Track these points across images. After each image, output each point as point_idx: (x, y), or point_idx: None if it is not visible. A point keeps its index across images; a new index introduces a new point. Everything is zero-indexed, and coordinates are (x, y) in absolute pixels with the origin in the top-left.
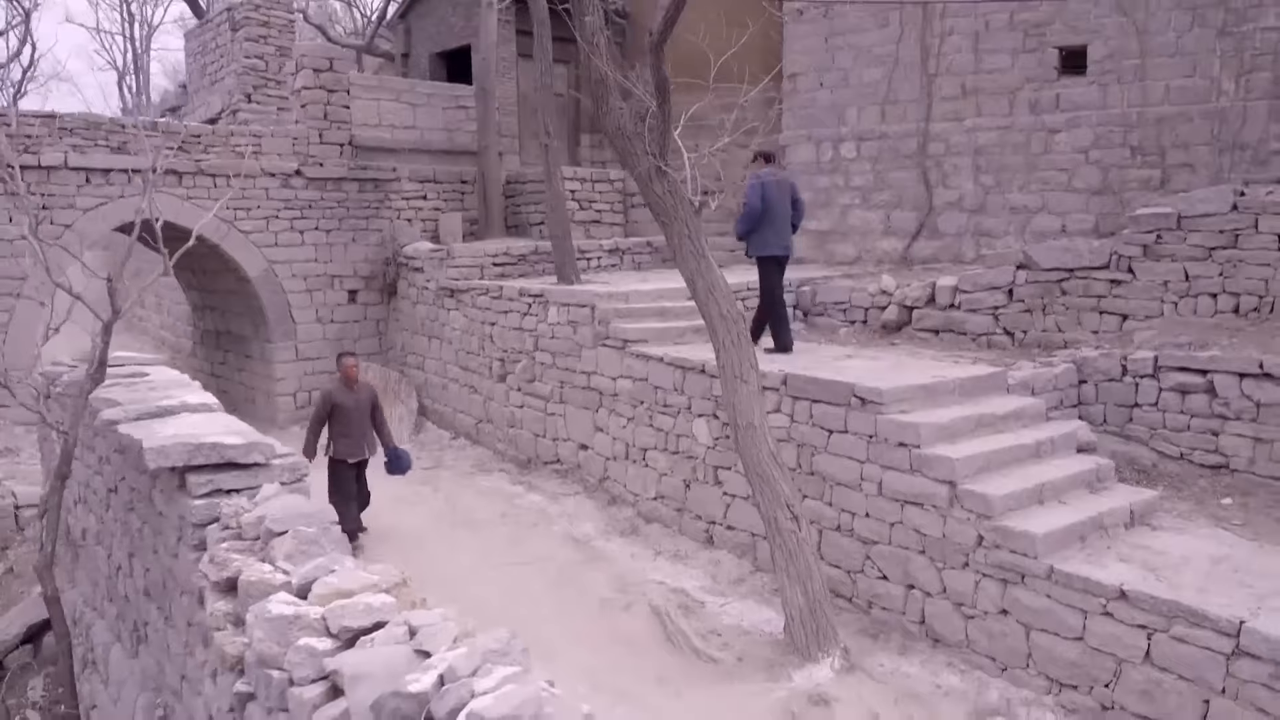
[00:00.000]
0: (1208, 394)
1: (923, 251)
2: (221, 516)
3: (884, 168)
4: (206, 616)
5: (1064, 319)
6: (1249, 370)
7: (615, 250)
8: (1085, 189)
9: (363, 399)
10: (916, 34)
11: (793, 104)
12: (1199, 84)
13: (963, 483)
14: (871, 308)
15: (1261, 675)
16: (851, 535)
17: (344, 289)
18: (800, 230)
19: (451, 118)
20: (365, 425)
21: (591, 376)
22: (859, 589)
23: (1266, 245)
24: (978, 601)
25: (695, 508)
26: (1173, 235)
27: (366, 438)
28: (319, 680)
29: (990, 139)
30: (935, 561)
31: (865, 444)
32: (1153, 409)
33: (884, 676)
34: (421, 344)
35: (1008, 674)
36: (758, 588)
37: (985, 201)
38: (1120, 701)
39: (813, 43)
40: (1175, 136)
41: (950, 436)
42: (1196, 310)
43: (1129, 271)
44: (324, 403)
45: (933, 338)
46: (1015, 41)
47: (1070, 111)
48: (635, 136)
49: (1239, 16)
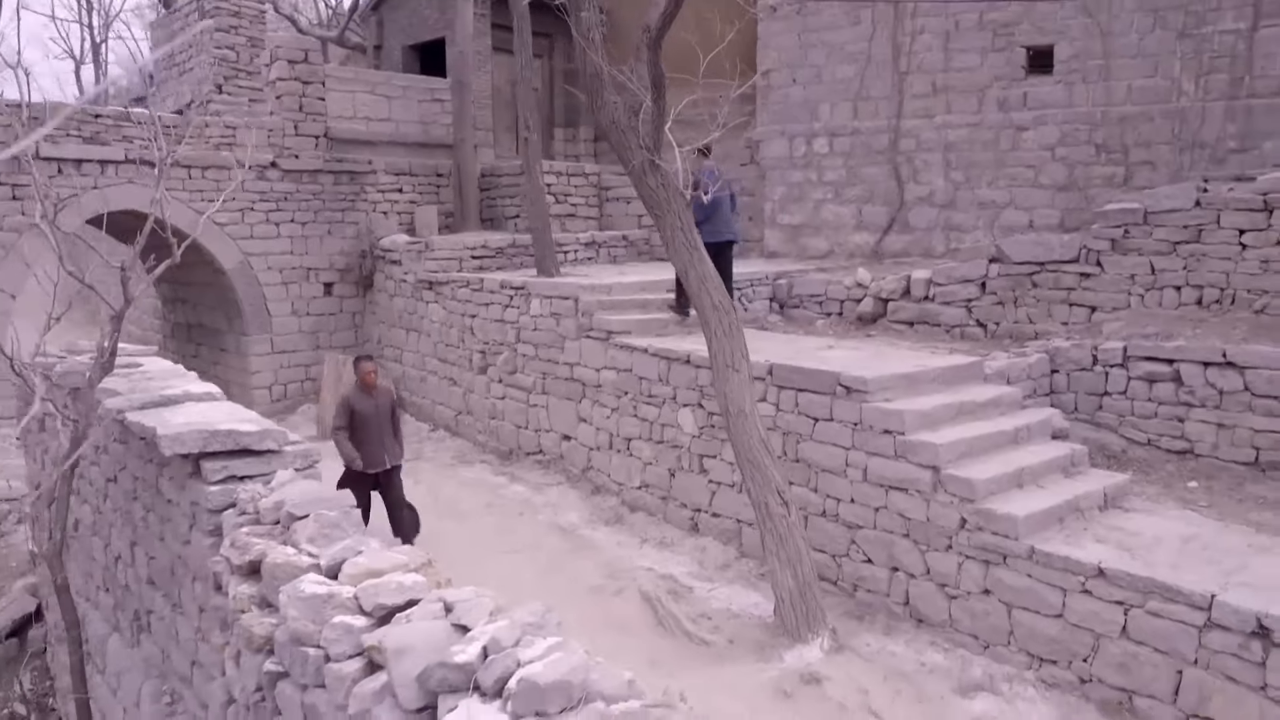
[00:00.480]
0: (1174, 382)
1: (894, 245)
2: (238, 502)
3: (856, 163)
4: (227, 600)
5: (1035, 311)
6: (1213, 359)
7: (592, 244)
8: (1052, 185)
9: (382, 405)
10: (888, 32)
11: (767, 100)
12: (1160, 84)
13: (946, 468)
14: (847, 300)
15: (1231, 646)
16: (837, 520)
17: (320, 281)
18: (773, 224)
19: (427, 110)
20: (386, 432)
21: (575, 368)
22: (844, 572)
23: (1228, 240)
24: (961, 582)
25: (680, 496)
26: (1139, 230)
27: (388, 446)
28: (355, 656)
29: (960, 136)
30: (919, 544)
31: (850, 431)
32: (1122, 397)
33: (871, 656)
34: (399, 336)
35: (990, 651)
36: (744, 573)
37: (955, 197)
38: (1098, 674)
39: (786, 40)
40: (1137, 135)
41: (932, 424)
42: (1162, 302)
43: (1098, 265)
44: (344, 410)
45: (908, 329)
46: (984, 41)
47: (1038, 110)
48: (629, 131)
49: (1198, 19)
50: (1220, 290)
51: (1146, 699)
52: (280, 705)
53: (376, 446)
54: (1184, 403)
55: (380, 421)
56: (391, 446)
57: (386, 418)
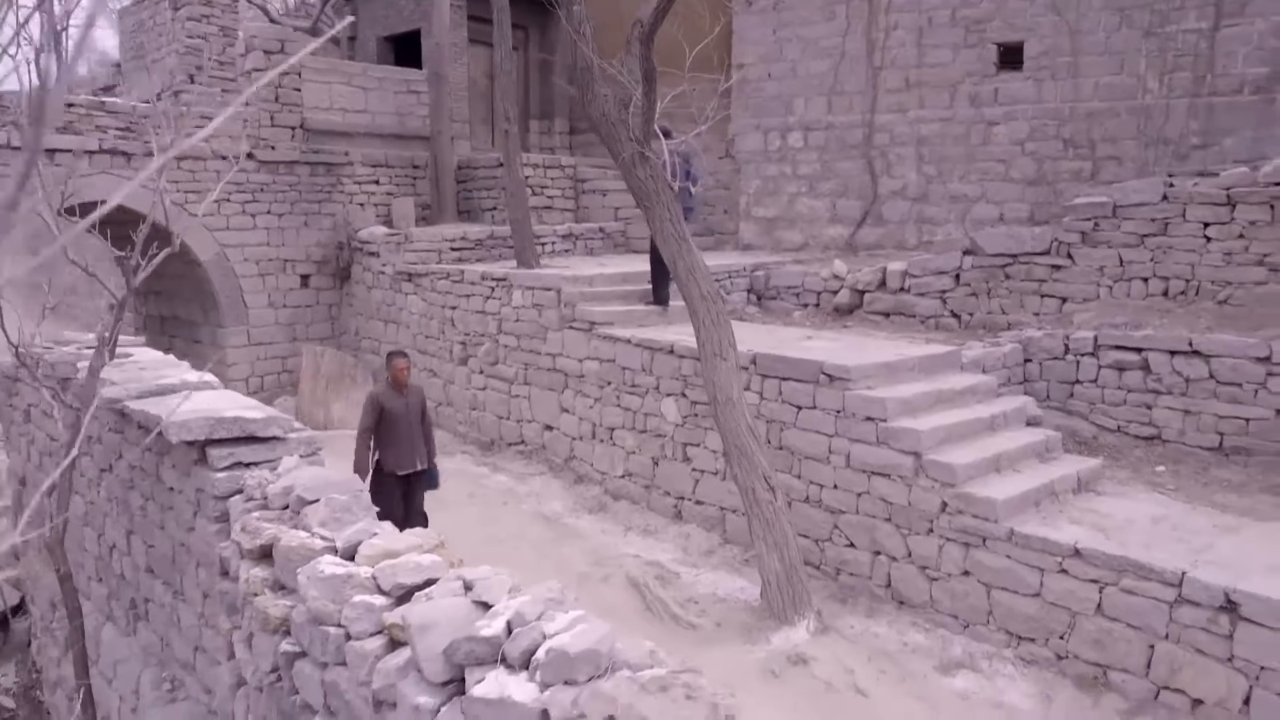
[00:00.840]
0: (1142, 370)
1: (867, 238)
2: (245, 488)
3: (830, 157)
4: (236, 584)
5: (1008, 302)
6: (1179, 348)
7: (569, 235)
8: (1021, 179)
9: (413, 403)
10: (862, 27)
11: (742, 93)
12: (1126, 81)
13: (927, 453)
14: (824, 291)
15: (1200, 620)
16: (820, 506)
17: (297, 273)
18: (749, 217)
19: (403, 102)
20: (416, 433)
21: (557, 358)
22: (827, 557)
23: (1193, 233)
24: (941, 564)
25: (664, 484)
26: (1108, 223)
27: (417, 447)
28: (376, 634)
29: (932, 130)
30: (901, 528)
31: (833, 419)
32: (1092, 385)
33: (855, 637)
34: (377, 328)
35: (970, 630)
36: (728, 558)
37: (927, 190)
38: (1074, 651)
39: (761, 34)
40: (1104, 131)
41: (913, 411)
42: (1130, 293)
43: (1068, 257)
44: (372, 409)
45: (883, 320)
46: (957, 37)
47: (1008, 105)
48: (619, 124)
49: (1163, 18)
50: (1186, 281)
51: (1120, 673)
52: (298, 684)
53: (407, 447)
54: (1152, 390)
55: (411, 421)
56: (421, 448)
57: (417, 417)
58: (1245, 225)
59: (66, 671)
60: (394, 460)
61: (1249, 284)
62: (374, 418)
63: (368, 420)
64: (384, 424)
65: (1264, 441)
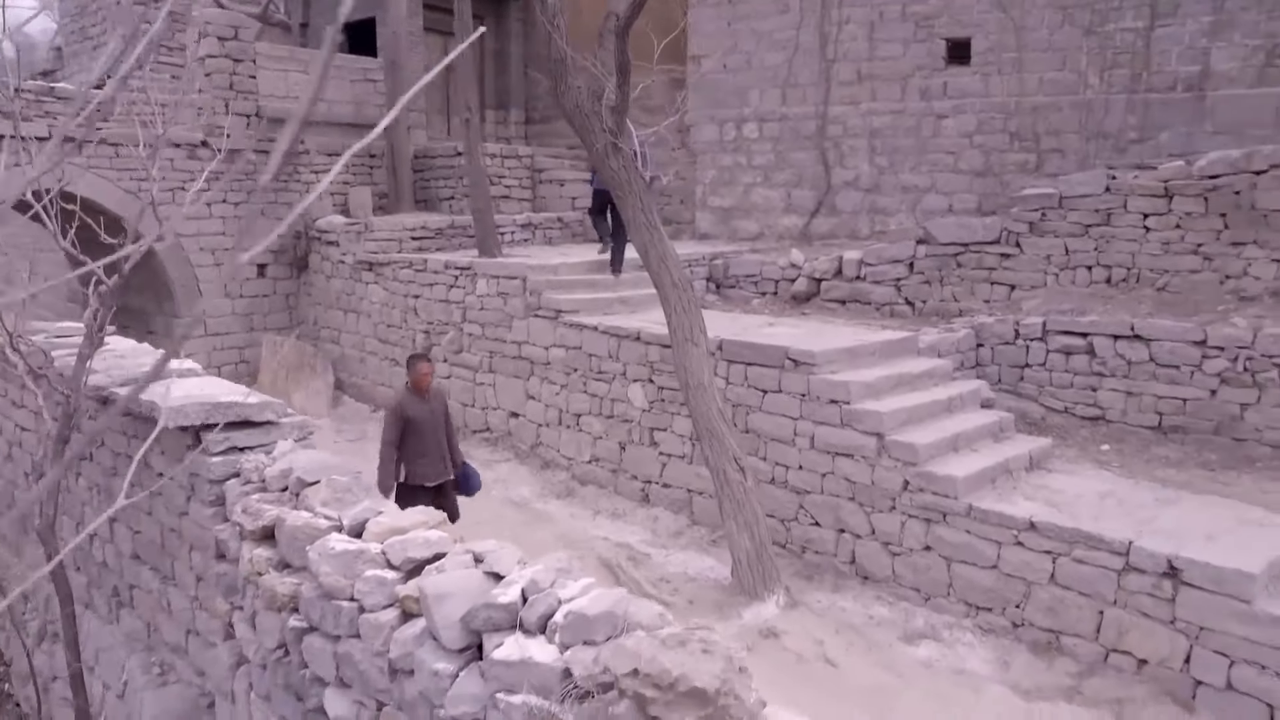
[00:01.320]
0: (1088, 354)
1: (821, 228)
2: (242, 472)
3: (785, 148)
4: (235, 566)
5: (959, 289)
6: (1122, 333)
7: (528, 225)
8: (970, 171)
9: (437, 409)
10: (815, 21)
11: (698, 85)
12: (1068, 77)
13: (890, 434)
14: (781, 280)
15: (1146, 586)
16: (785, 487)
17: (253, 263)
18: (705, 206)
19: (360, 91)
20: (442, 440)
21: (523, 346)
22: (793, 535)
23: (1133, 224)
24: (904, 540)
25: (631, 468)
26: (1055, 214)
27: (445, 455)
28: (389, 607)
29: (884, 122)
30: (864, 507)
31: (798, 402)
32: (1041, 369)
33: (822, 611)
34: (337, 318)
35: (931, 603)
36: (696, 539)
37: (879, 181)
38: (1029, 619)
39: (716, 26)
40: (1048, 124)
41: (875, 394)
42: (1075, 281)
43: (1017, 246)
44: (396, 418)
45: (840, 307)
46: (907, 32)
47: (957, 99)
48: (593, 115)
49: (1102, 17)
50: (1127, 269)
51: (1072, 637)
52: (308, 658)
53: (435, 457)
54: (1096, 373)
55: (436, 428)
56: (448, 456)
57: (442, 423)
58: (1181, 216)
59: (40, 663)
60: (423, 472)
61: (1185, 272)
62: (399, 428)
63: (392, 432)
64: (409, 434)
65: (1198, 420)
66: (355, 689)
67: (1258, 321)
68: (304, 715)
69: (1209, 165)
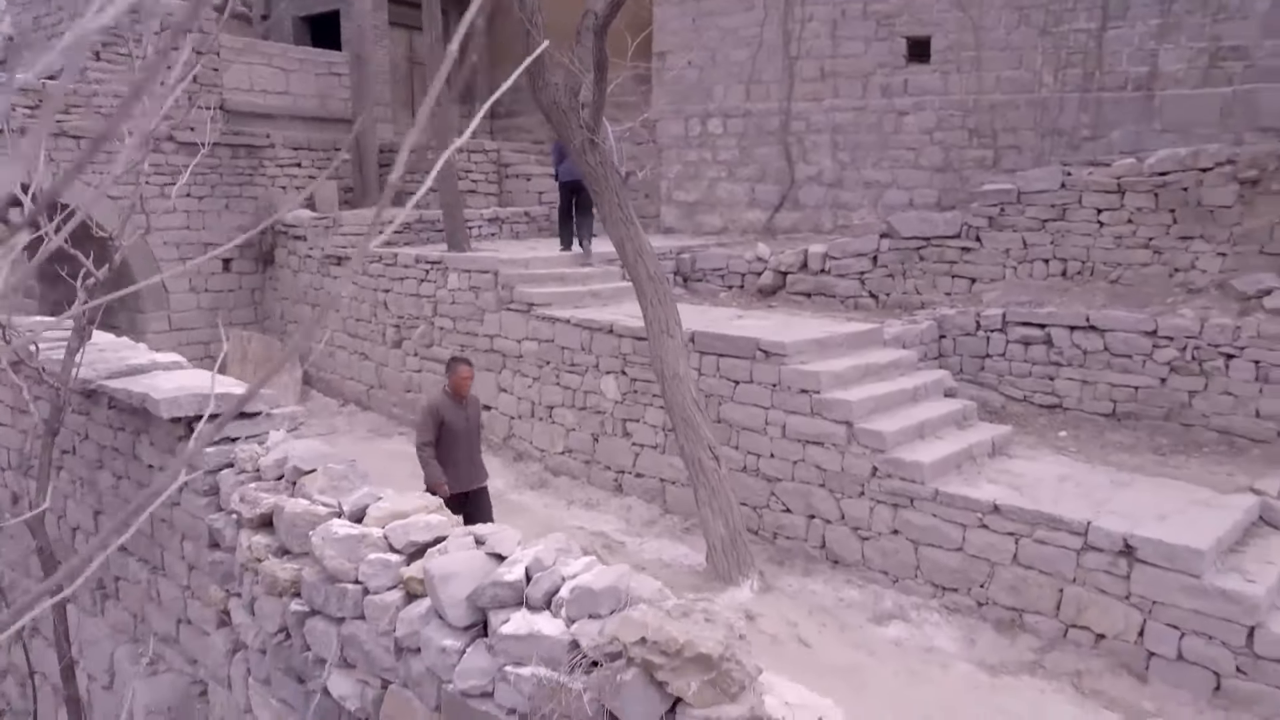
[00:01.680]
0: (1045, 345)
1: (785, 222)
2: (236, 461)
3: (749, 143)
4: (230, 554)
5: (921, 282)
6: (1078, 324)
7: (495, 219)
8: (930, 166)
9: (473, 416)
10: (779, 18)
11: (663, 81)
12: (1024, 76)
13: (859, 422)
14: (748, 273)
15: (1103, 564)
16: (757, 475)
17: (219, 257)
18: (670, 201)
19: (325, 84)
20: (475, 447)
21: (495, 339)
22: (765, 522)
23: (1088, 218)
24: (872, 524)
25: (604, 459)
26: (1013, 209)
27: (477, 462)
28: (393, 588)
29: (847, 119)
30: (834, 493)
31: (769, 392)
32: (1001, 359)
33: (794, 594)
34: (304, 312)
35: (899, 585)
36: (670, 527)
37: (842, 176)
38: (993, 598)
39: (681, 23)
40: (1005, 121)
41: (844, 384)
42: (1033, 274)
43: (977, 240)
44: (432, 421)
45: (805, 300)
46: (869, 30)
47: (917, 96)
48: (570, 111)
49: (1056, 18)
50: (1082, 263)
51: (1034, 615)
52: (310, 640)
53: (467, 464)
54: (1054, 362)
55: (470, 434)
56: (480, 462)
57: (476, 430)
58: (1133, 211)
59: (18, 659)
60: (454, 479)
61: (1136, 265)
62: (434, 432)
63: (427, 434)
64: (442, 440)
65: (1150, 407)
66: (360, 669)
67: (1204, 312)
68: (305, 696)
69: (1158, 162)
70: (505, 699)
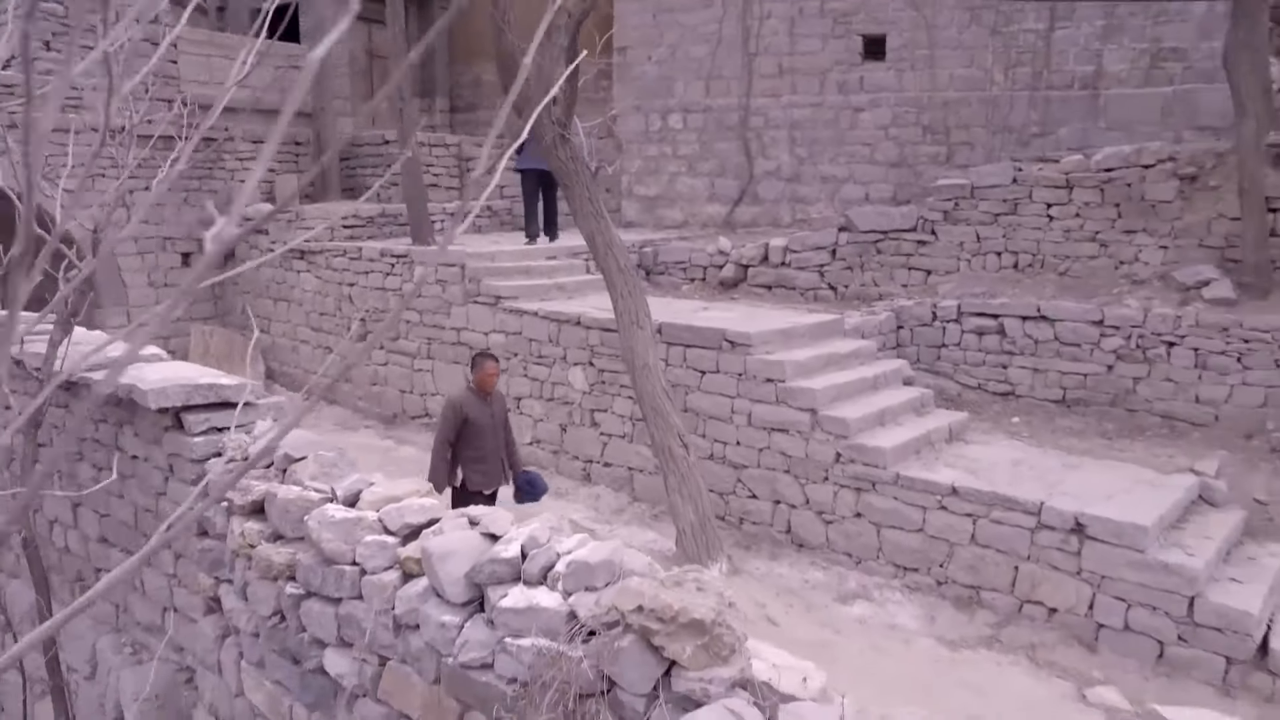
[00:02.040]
0: (998, 334)
1: (744, 216)
2: (224, 450)
3: (709, 138)
4: (225, 540)
5: (879, 274)
6: (1029, 314)
7: (457, 213)
8: (885, 162)
9: (498, 412)
10: (738, 14)
11: (624, 76)
12: (976, 74)
13: (822, 410)
14: (710, 266)
15: (1055, 541)
16: (724, 462)
17: (177, 251)
18: (631, 195)
19: (285, 77)
20: (501, 446)
21: (461, 332)
22: (731, 508)
23: (1038, 212)
24: (836, 508)
25: (572, 449)
26: (967, 203)
27: (502, 462)
28: (389, 569)
29: (804, 115)
30: (799, 479)
31: (735, 381)
32: (956, 348)
33: (762, 577)
34: (266, 306)
35: (862, 566)
36: (638, 515)
37: (800, 171)
38: (952, 576)
39: (642, 19)
40: (958, 118)
41: (808, 372)
42: (986, 266)
43: (932, 233)
44: (454, 418)
45: (766, 292)
46: (825, 28)
47: (873, 93)
48: (543, 107)
49: (1006, 18)
50: (1032, 255)
51: (990, 592)
52: (306, 622)
53: (495, 463)
54: (1007, 351)
55: (496, 431)
56: (505, 462)
57: (502, 427)
58: (1081, 206)
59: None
60: (481, 479)
61: (1084, 258)
62: (455, 428)
63: (447, 430)
64: (466, 436)
65: (1097, 394)
66: (357, 647)
67: (1148, 303)
68: (301, 677)
69: (1104, 159)
70: (505, 669)
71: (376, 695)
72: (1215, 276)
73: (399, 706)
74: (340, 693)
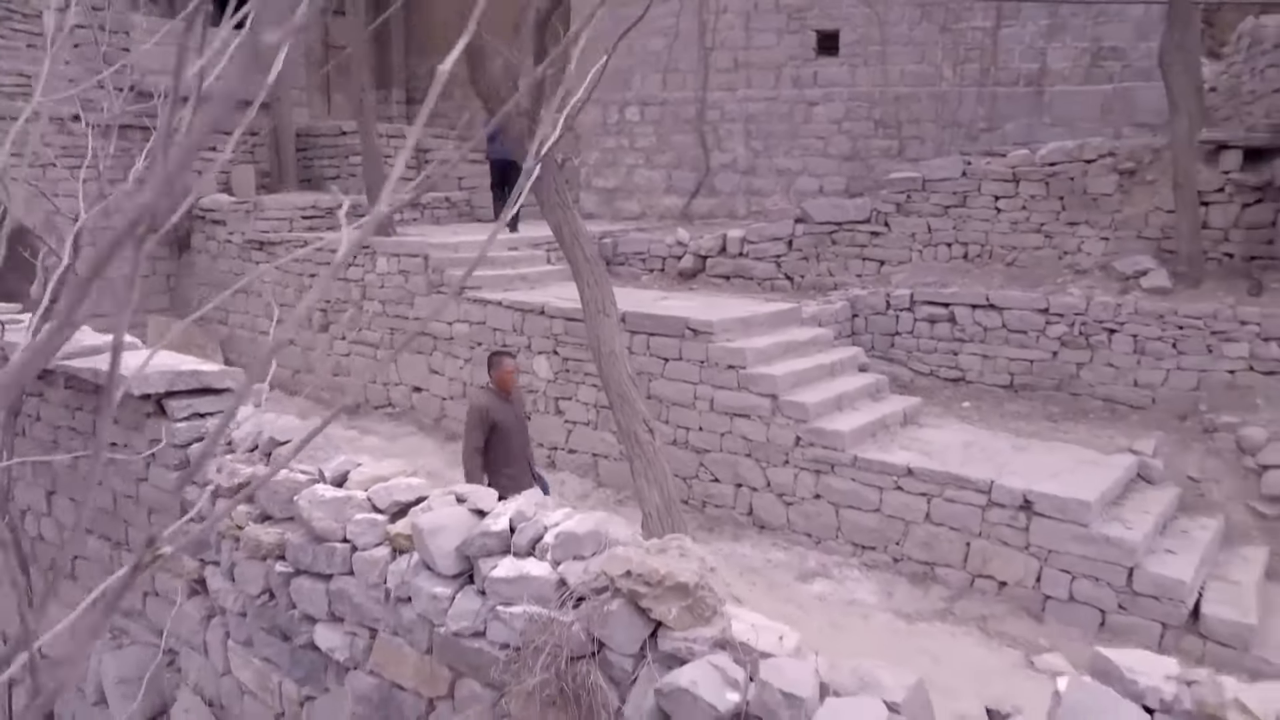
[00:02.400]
0: (949, 322)
1: (701, 208)
2: (207, 436)
3: (666, 131)
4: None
5: (834, 264)
6: (978, 303)
7: (416, 204)
8: (838, 155)
9: (520, 411)
10: (694, 9)
11: (581, 69)
12: (926, 70)
13: (783, 395)
14: (669, 257)
15: (1005, 518)
16: (687, 447)
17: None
18: (589, 187)
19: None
20: (527, 447)
21: (426, 323)
22: (694, 492)
23: (986, 205)
24: (796, 491)
25: (538, 436)
26: (919, 195)
27: (529, 463)
28: (379, 545)
29: (759, 108)
30: (760, 462)
31: (698, 368)
32: (909, 336)
33: (725, 557)
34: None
35: (822, 545)
36: (603, 500)
37: (755, 164)
38: (908, 554)
39: (598, 11)
40: (909, 113)
41: (768, 359)
42: (937, 256)
43: (885, 225)
44: (482, 424)
45: (724, 282)
46: (780, 23)
47: (826, 87)
48: (509, 99)
49: (955, 16)
50: (981, 246)
51: (944, 568)
52: (297, 599)
53: (522, 464)
54: (957, 339)
55: (522, 432)
56: (530, 465)
57: (525, 430)
58: (1027, 199)
59: None
60: (510, 483)
61: (1030, 248)
62: (484, 434)
63: (478, 438)
64: (494, 441)
65: (1043, 379)
66: (348, 621)
67: (1090, 291)
68: (291, 652)
69: (1049, 154)
70: (498, 635)
71: (368, 667)
72: (1152, 266)
73: (391, 677)
74: (331, 666)
